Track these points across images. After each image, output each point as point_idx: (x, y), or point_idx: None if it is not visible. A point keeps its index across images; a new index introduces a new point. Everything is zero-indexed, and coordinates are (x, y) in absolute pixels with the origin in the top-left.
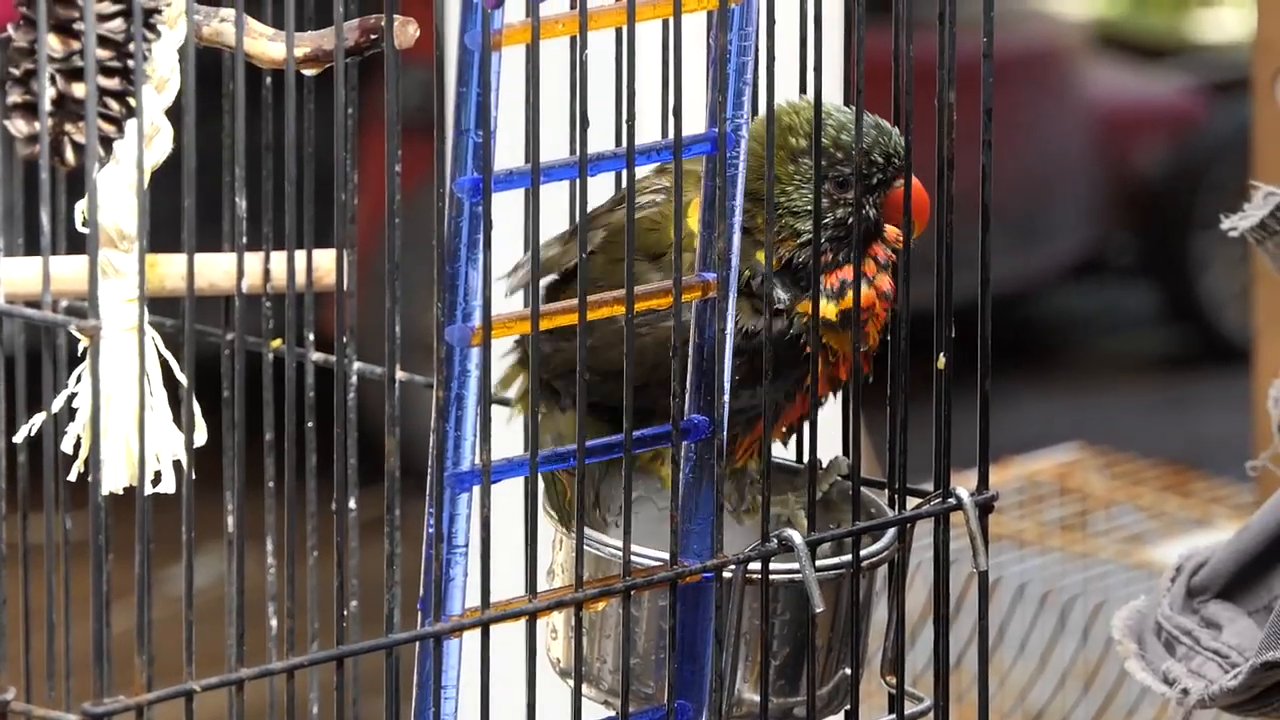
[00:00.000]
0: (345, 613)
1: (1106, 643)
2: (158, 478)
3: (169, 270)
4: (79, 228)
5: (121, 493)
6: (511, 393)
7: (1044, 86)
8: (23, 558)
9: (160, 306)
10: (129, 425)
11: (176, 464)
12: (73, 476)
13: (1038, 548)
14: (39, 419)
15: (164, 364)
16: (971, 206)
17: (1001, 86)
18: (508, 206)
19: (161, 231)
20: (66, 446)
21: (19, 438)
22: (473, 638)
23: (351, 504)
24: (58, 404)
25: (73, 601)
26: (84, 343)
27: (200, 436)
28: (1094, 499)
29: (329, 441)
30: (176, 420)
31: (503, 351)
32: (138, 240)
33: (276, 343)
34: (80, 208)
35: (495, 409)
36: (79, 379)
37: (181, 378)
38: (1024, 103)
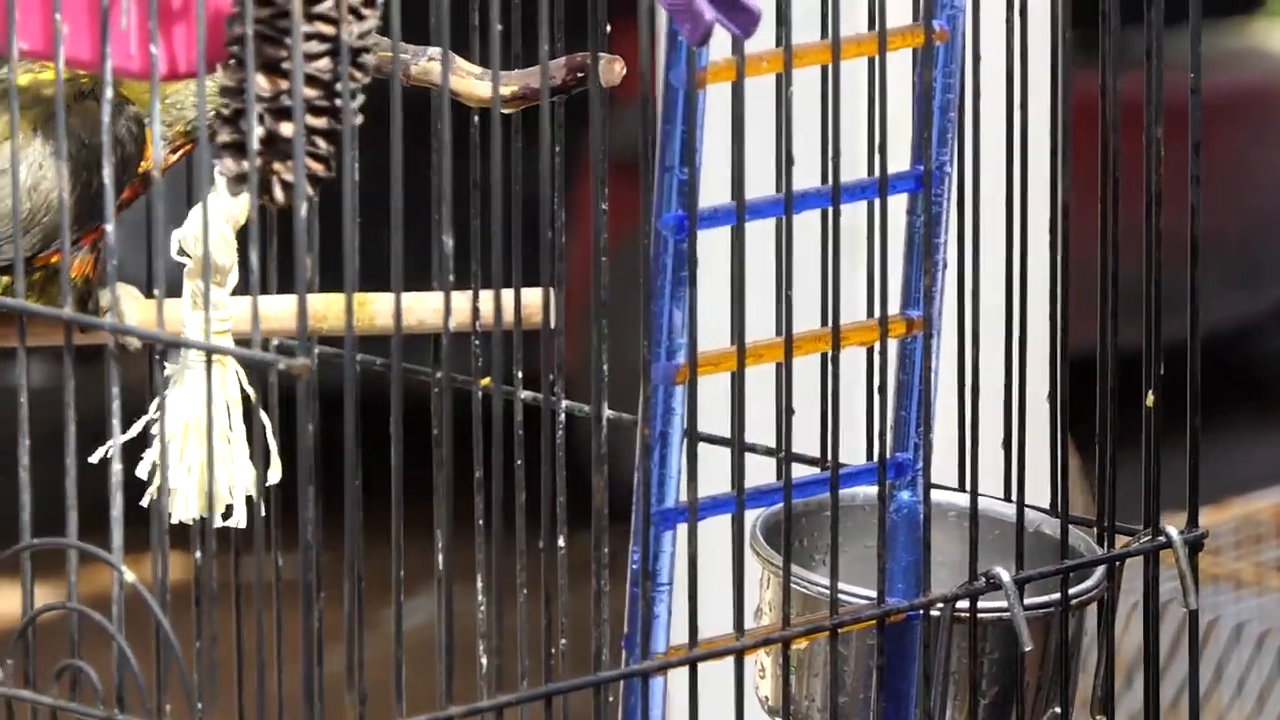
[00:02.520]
0: (554, 651)
1: None
2: (229, 512)
3: (379, 308)
4: (175, 257)
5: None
6: None
7: (1268, 125)
8: (235, 598)
9: (371, 345)
10: (198, 457)
11: (249, 499)
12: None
13: (1255, 588)
14: (116, 443)
15: (245, 398)
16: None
17: (1224, 125)
18: (713, 244)
19: (371, 270)
20: (140, 472)
21: (94, 458)
22: (680, 675)
23: (560, 542)
24: (134, 430)
25: (285, 641)
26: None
27: (274, 474)
28: None
29: (538, 480)
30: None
31: None
32: (346, 279)
33: (485, 381)
34: (179, 237)
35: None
36: (156, 407)
37: (262, 415)
38: (1248, 141)
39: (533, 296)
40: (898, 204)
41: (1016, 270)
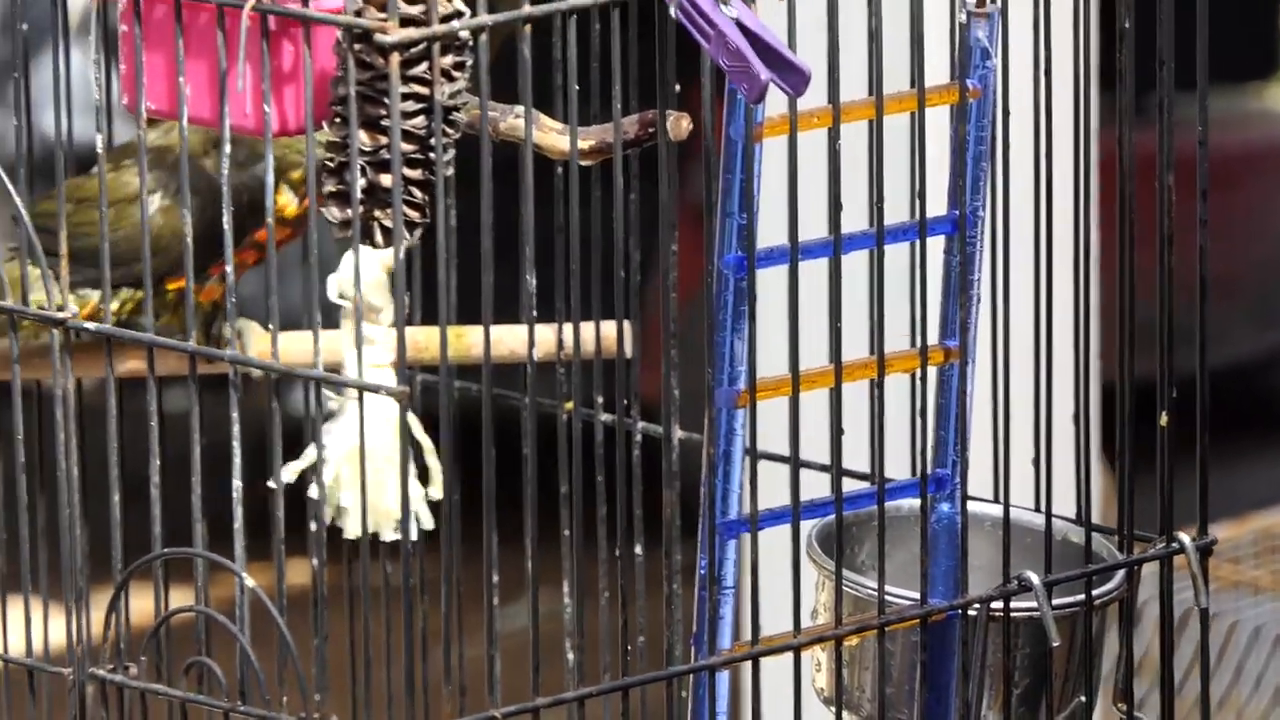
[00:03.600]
0: (630, 648)
1: None
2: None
3: (473, 340)
4: (333, 299)
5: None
6: None
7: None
8: (347, 601)
9: (467, 373)
10: (368, 478)
11: (428, 512)
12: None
13: (1272, 594)
14: (294, 467)
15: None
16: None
17: (1239, 179)
18: (770, 281)
19: (468, 305)
20: (312, 494)
21: (272, 483)
22: (744, 670)
23: (636, 550)
24: (304, 461)
25: (391, 640)
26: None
27: (435, 491)
28: None
29: (616, 494)
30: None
31: None
32: (441, 314)
33: (568, 405)
34: (336, 281)
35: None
36: (325, 433)
37: (423, 438)
38: (1261, 195)
39: (610, 329)
40: (936, 245)
41: (1043, 304)
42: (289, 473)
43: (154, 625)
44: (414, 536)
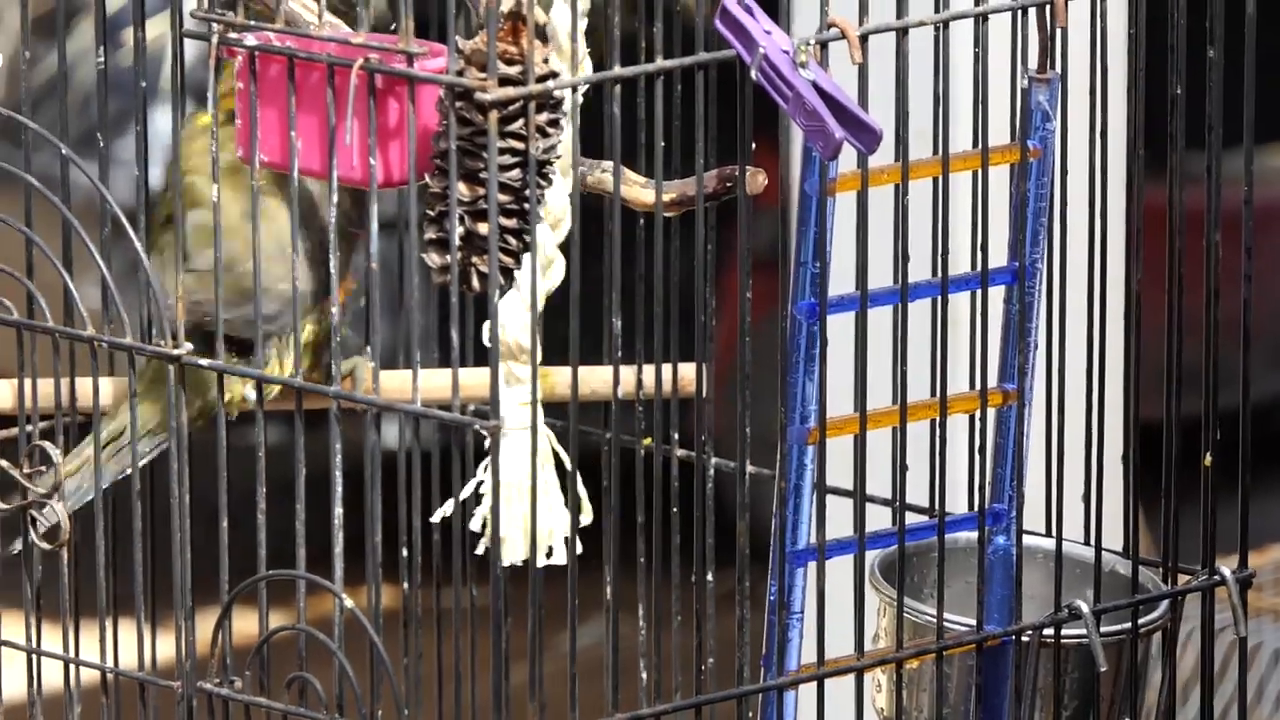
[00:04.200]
0: (703, 668)
1: None
2: (550, 553)
3: (559, 379)
4: (485, 343)
5: (521, 564)
6: None
7: None
8: (436, 622)
9: (553, 410)
10: (524, 508)
11: (565, 540)
12: (479, 551)
13: None
14: (450, 505)
15: (556, 457)
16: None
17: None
18: (840, 327)
19: (553, 347)
20: (474, 526)
21: (435, 518)
22: (809, 690)
23: (709, 577)
24: (466, 491)
25: (478, 658)
26: (488, 440)
27: (585, 518)
28: None
29: (690, 524)
30: (565, 504)
31: None
32: (532, 354)
33: (647, 440)
34: (486, 327)
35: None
36: (484, 469)
37: (568, 463)
38: None
39: (687, 370)
40: (997, 294)
41: (1096, 350)
42: (446, 508)
43: (258, 642)
44: (563, 560)
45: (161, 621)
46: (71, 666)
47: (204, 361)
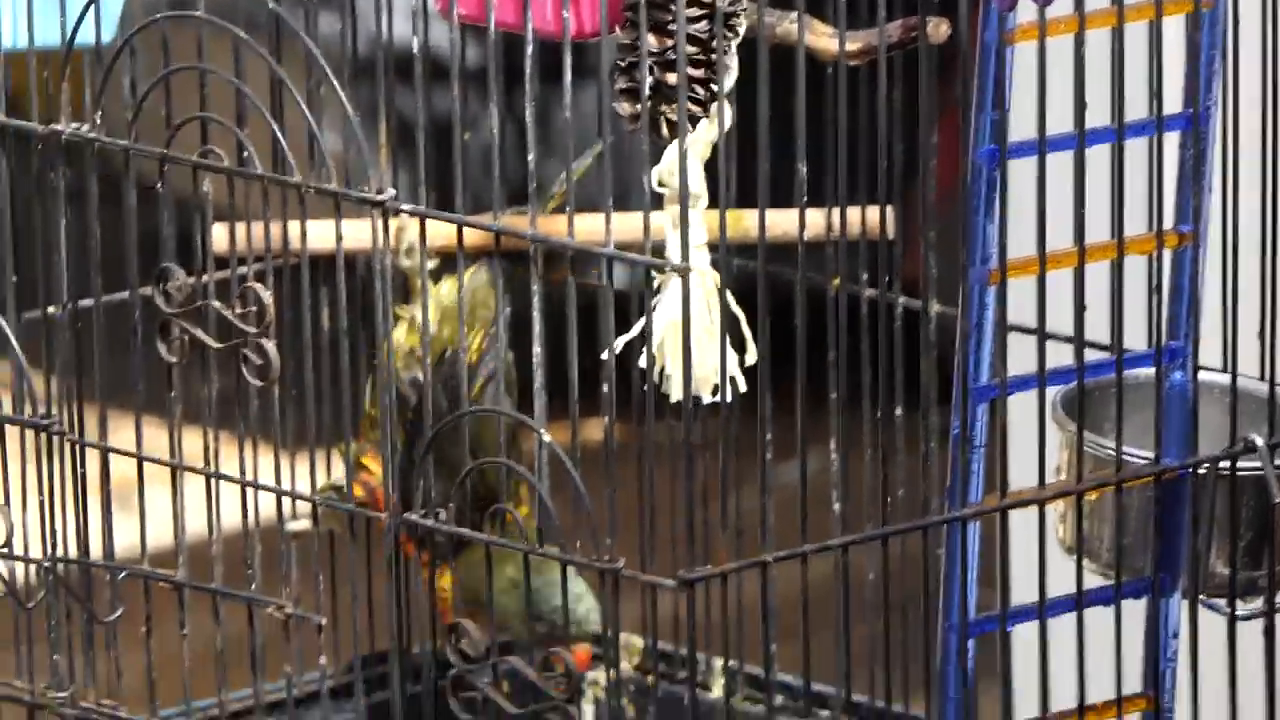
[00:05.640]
0: (890, 500)
1: None
2: (715, 390)
3: (750, 223)
4: (656, 188)
5: (715, 401)
6: None
7: None
8: (636, 456)
9: (745, 252)
10: (694, 347)
11: (742, 376)
12: (645, 388)
13: None
14: (621, 341)
15: (724, 299)
16: None
17: None
18: (1019, 171)
19: (748, 191)
20: (642, 364)
21: (605, 356)
22: (992, 521)
23: (897, 412)
24: (633, 331)
25: (674, 493)
26: (659, 280)
27: (750, 357)
28: None
29: (878, 362)
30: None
31: None
32: (717, 197)
33: (836, 282)
34: (657, 171)
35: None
36: (654, 309)
37: (737, 310)
38: None
39: (874, 213)
40: (1172, 139)
41: (1269, 191)
42: (619, 344)
43: (462, 474)
44: (728, 399)
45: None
46: (284, 498)
47: (407, 207)
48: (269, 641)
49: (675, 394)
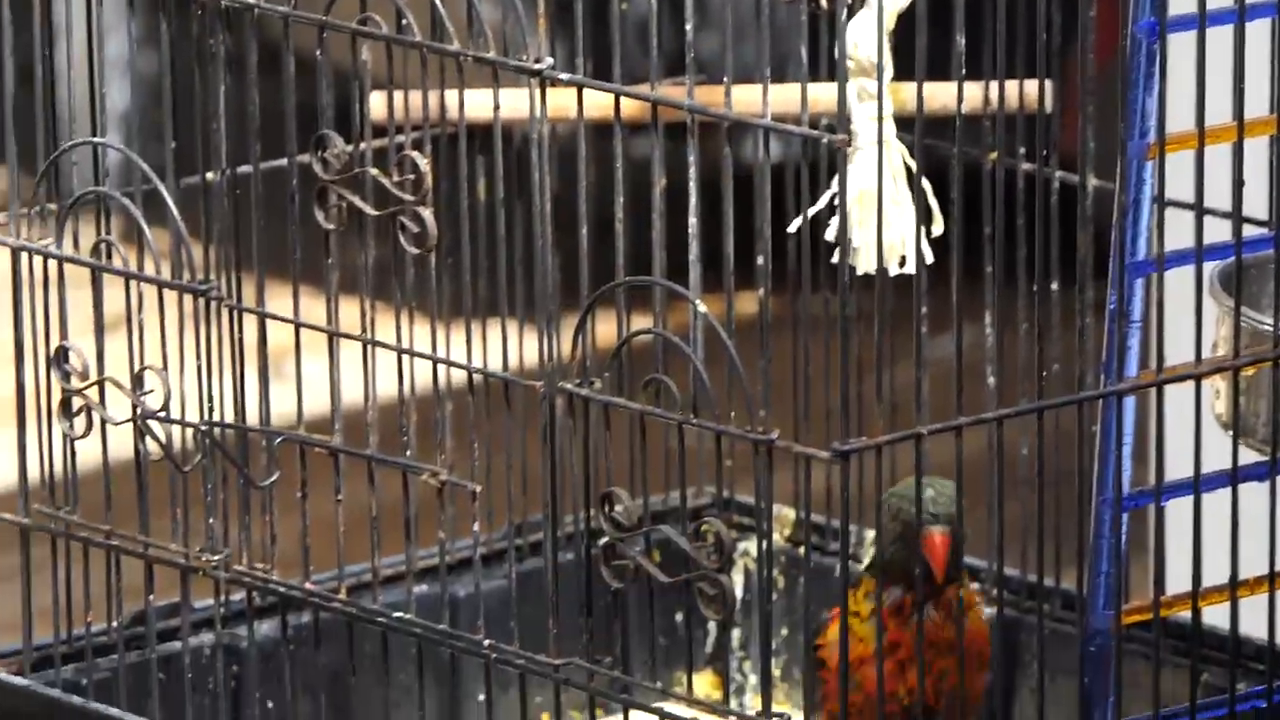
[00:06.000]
0: (1045, 374)
1: None
2: (903, 262)
3: (907, 95)
4: (835, 58)
5: (872, 274)
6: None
7: None
8: (791, 327)
9: (903, 124)
10: (872, 220)
11: (929, 248)
12: (834, 260)
13: None
14: (801, 218)
15: (907, 170)
16: None
17: None
18: (1178, 45)
19: (904, 64)
20: (828, 237)
21: (791, 229)
22: (1148, 396)
23: (1053, 286)
24: (819, 204)
25: (830, 362)
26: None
27: (936, 228)
28: None
29: (1035, 236)
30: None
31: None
32: (879, 73)
33: (993, 155)
34: (848, 40)
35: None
36: (835, 182)
37: (925, 183)
38: None
39: (1032, 86)
40: None
41: None
42: (811, 211)
43: (616, 346)
44: (912, 270)
45: (527, 326)
46: (440, 366)
47: (565, 76)
48: (422, 508)
49: (862, 266)
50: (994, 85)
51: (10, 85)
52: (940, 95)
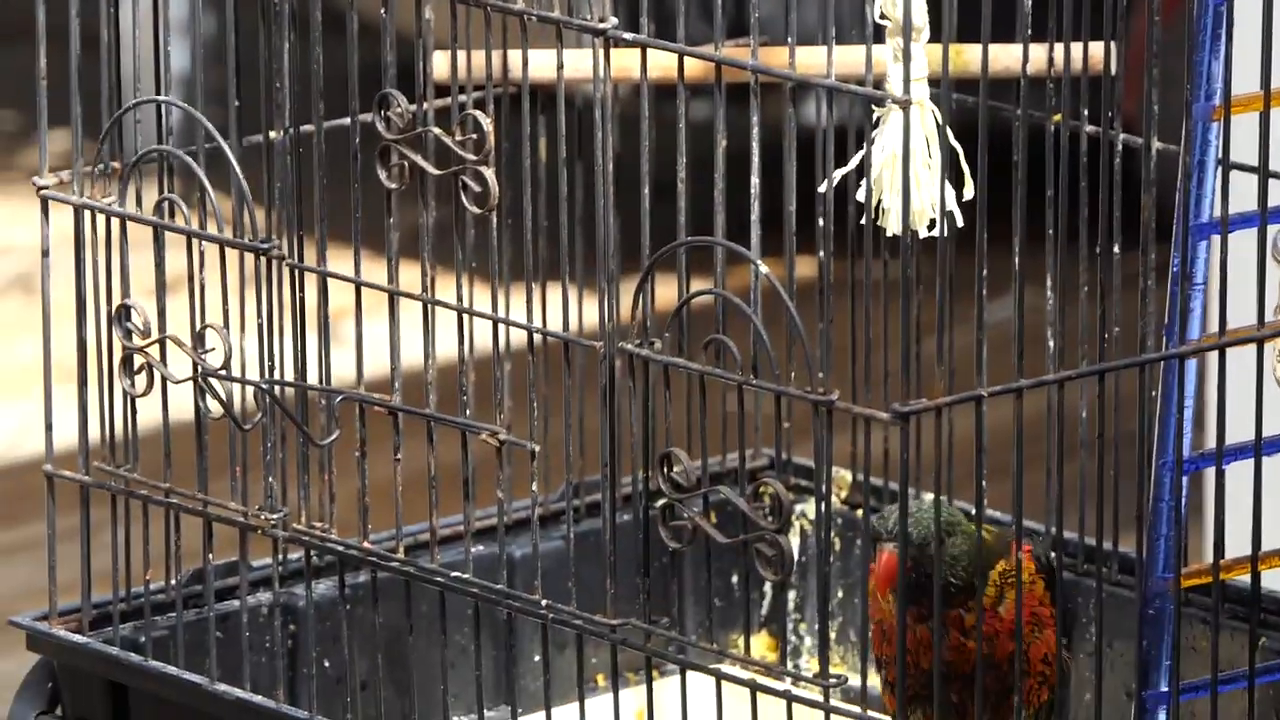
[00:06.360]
0: (1107, 337)
1: None
2: (932, 224)
3: (970, 57)
4: (878, 20)
5: (931, 237)
6: None
7: None
8: (850, 290)
9: (966, 87)
10: (912, 181)
11: (959, 211)
12: (862, 222)
13: None
14: (839, 173)
15: (941, 133)
16: None
17: None
18: (1244, 7)
19: (969, 26)
20: (859, 197)
21: (821, 189)
22: (1210, 358)
23: (1115, 249)
24: (850, 165)
25: (890, 327)
26: (878, 114)
27: (968, 192)
28: None
29: (1098, 199)
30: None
31: None
32: (944, 34)
33: (1056, 116)
34: (880, 3)
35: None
36: (870, 142)
37: (955, 145)
38: None
39: (1096, 49)
40: None
41: None
42: (837, 176)
43: (676, 306)
44: (937, 234)
45: (588, 287)
46: (500, 326)
47: (628, 36)
48: (481, 468)
49: (892, 228)
50: (1059, 47)
51: (76, 46)
52: (1004, 57)
